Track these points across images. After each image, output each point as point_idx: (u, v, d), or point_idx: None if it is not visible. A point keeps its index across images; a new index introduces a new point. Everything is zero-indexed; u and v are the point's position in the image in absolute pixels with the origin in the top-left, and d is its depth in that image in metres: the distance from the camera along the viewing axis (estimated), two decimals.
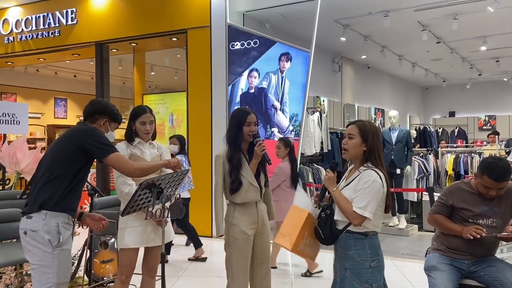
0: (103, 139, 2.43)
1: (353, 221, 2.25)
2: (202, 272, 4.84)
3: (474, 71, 13.24)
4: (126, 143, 3.03)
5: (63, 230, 2.35)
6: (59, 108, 13.79)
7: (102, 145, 2.40)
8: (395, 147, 6.77)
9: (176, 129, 7.88)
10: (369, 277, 2.25)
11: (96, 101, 2.69)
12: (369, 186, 2.24)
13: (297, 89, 6.35)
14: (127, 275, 2.95)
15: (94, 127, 2.50)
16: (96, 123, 2.58)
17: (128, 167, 2.45)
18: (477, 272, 2.76)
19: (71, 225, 2.43)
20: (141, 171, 2.55)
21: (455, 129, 13.99)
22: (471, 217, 2.75)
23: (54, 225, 2.32)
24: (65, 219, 2.37)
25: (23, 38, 8.21)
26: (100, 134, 2.45)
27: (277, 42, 6.28)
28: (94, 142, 2.38)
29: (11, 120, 4.94)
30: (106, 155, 2.39)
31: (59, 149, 2.44)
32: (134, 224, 2.88)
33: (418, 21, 8.17)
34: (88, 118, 2.61)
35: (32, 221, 2.32)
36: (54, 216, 2.33)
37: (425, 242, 6.18)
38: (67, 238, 2.38)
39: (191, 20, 6.72)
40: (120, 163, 2.43)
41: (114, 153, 2.41)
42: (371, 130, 2.34)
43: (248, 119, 2.77)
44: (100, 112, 2.59)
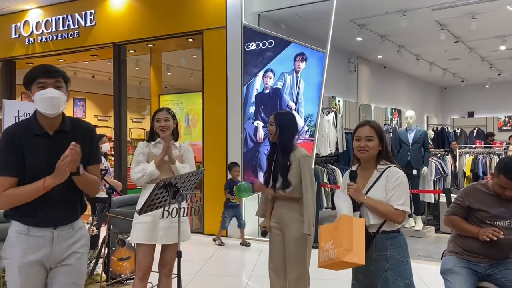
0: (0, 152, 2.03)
1: (398, 219, 2.27)
2: (218, 271, 4.88)
3: (493, 70, 13.00)
4: (145, 143, 3.15)
5: (12, 240, 2.05)
6: (77, 108, 14.03)
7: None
8: (412, 148, 6.70)
9: (192, 129, 7.95)
10: (408, 273, 2.30)
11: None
12: (401, 182, 2.29)
13: (312, 89, 6.34)
14: (144, 271, 3.01)
15: (5, 130, 2.08)
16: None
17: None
18: (494, 275, 2.72)
19: (32, 236, 2.03)
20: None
21: (473, 130, 13.75)
22: (488, 218, 2.72)
23: (11, 232, 2.08)
24: (20, 228, 2.05)
25: (43, 39, 8.38)
26: (0, 145, 2.04)
27: (292, 43, 6.28)
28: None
29: None
30: None
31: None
32: (145, 219, 2.93)
33: (436, 20, 8.07)
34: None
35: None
36: (13, 225, 2.09)
37: (441, 244, 6.11)
38: (17, 251, 2.02)
39: (206, 21, 6.78)
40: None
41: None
42: (382, 130, 2.43)
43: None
44: (24, 85, 2.12)
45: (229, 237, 6.42)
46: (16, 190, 2.00)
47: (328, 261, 2.17)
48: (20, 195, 2.01)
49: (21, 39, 8.63)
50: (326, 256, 2.19)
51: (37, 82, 2.05)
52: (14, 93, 9.20)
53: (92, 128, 2.26)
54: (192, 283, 4.40)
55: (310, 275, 3.06)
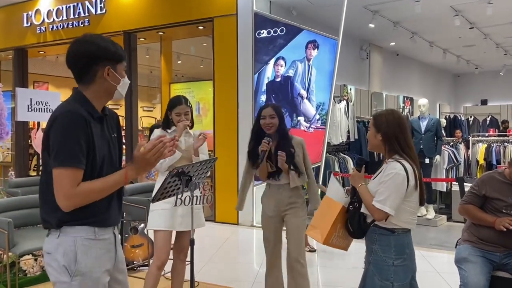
0: (66, 139, 1.63)
1: (374, 216, 2.18)
2: (229, 258, 4.91)
3: (508, 57, 12.75)
4: (161, 131, 3.13)
5: (84, 250, 1.69)
6: None
7: (59, 149, 1.63)
8: (424, 136, 6.63)
9: (203, 118, 7.94)
10: (390, 275, 2.17)
11: (79, 41, 1.77)
12: (390, 179, 2.15)
13: (324, 77, 6.28)
14: (163, 260, 3.03)
15: (66, 113, 1.67)
16: (96, 81, 1.76)
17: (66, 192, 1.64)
18: (509, 264, 2.70)
19: (103, 239, 1.75)
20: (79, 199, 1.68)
21: (487, 118, 13.54)
22: (504, 207, 2.68)
23: (70, 243, 1.68)
24: (87, 233, 1.71)
25: (54, 28, 8.40)
26: (68, 128, 1.64)
27: (304, 30, 6.21)
28: (54, 139, 1.66)
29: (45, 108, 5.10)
30: (55, 166, 1.64)
31: (42, 145, 1.78)
32: (165, 206, 2.95)
33: (450, 6, 7.91)
34: (81, 78, 1.78)
35: (48, 240, 1.74)
36: (71, 232, 1.69)
37: (454, 232, 6.07)
38: (93, 263, 1.71)
39: (217, 8, 6.72)
40: (58, 183, 1.64)
41: (64, 168, 1.62)
42: (385, 118, 2.24)
43: (263, 113, 3.05)
44: (96, 58, 1.74)
45: (240, 225, 6.46)
46: (92, 184, 1.67)
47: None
48: (98, 191, 1.68)
49: (32, 28, 8.67)
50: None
51: (124, 63, 1.85)
52: (26, 82, 9.26)
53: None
54: (204, 269, 4.44)
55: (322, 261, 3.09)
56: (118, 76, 1.79)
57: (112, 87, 1.79)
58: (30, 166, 9.12)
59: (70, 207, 1.65)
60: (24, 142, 8.89)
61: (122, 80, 1.81)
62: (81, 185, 1.65)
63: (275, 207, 3.10)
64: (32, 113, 5.13)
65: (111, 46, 1.79)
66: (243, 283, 4.13)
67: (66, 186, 1.62)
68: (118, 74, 1.79)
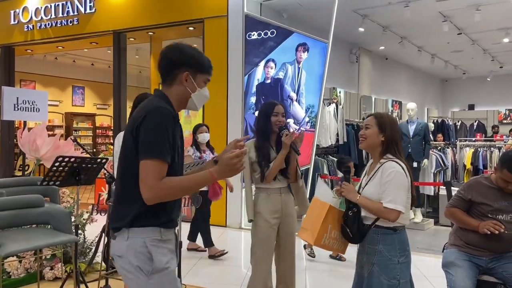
0: (157, 133, 1.67)
1: (389, 217, 2.19)
2: (217, 261, 4.89)
3: (495, 63, 12.95)
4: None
5: (154, 249, 1.71)
6: (76, 96, 13.97)
7: (150, 142, 1.67)
8: (413, 140, 6.68)
9: (192, 119, 7.91)
10: (397, 273, 2.21)
11: (169, 46, 1.86)
12: (393, 177, 2.21)
13: (314, 80, 6.30)
14: None
15: (158, 109, 1.70)
16: (175, 84, 1.81)
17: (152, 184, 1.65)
18: (495, 269, 2.72)
19: (167, 240, 1.76)
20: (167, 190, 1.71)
21: (474, 123, 13.73)
22: (490, 212, 2.70)
23: (140, 244, 1.69)
24: (155, 234, 1.72)
25: (42, 26, 8.29)
26: (159, 123, 1.68)
27: (294, 32, 6.22)
28: (146, 132, 1.68)
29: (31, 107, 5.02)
30: (144, 157, 1.66)
31: (125, 138, 1.78)
32: None
33: (439, 11, 8.00)
34: (164, 79, 1.85)
35: (116, 242, 1.75)
36: (138, 233, 1.70)
37: (441, 236, 6.12)
38: (167, 259, 1.73)
39: (208, 10, 6.70)
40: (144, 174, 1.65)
41: (152, 160, 1.64)
42: (388, 121, 2.34)
43: (276, 110, 2.87)
44: (178, 62, 1.80)
45: (228, 227, 6.43)
46: (177, 180, 1.69)
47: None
48: (183, 188, 1.71)
49: (20, 26, 8.55)
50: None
51: (207, 77, 1.86)
52: (13, 80, 9.13)
53: None
54: (192, 272, 4.41)
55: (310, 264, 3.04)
56: (195, 85, 1.82)
57: (187, 94, 1.82)
58: (16, 166, 8.98)
59: (153, 199, 1.65)
60: (10, 142, 8.75)
61: (199, 90, 1.83)
62: (167, 179, 1.66)
63: (279, 213, 2.88)
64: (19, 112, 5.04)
65: (196, 54, 1.84)
66: (231, 286, 4.11)
67: (151, 177, 1.63)
68: (196, 82, 1.82)
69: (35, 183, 3.61)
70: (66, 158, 3.05)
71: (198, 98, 1.84)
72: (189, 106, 1.85)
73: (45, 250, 4.03)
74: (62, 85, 13.37)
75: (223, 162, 1.69)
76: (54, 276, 3.99)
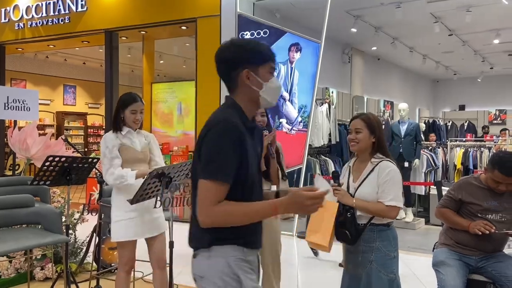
0: (217, 151, 1.50)
1: (391, 215, 2.27)
2: None
3: (486, 64, 13.07)
4: (114, 134, 2.90)
5: (241, 271, 1.55)
6: (68, 95, 13.87)
7: (209, 160, 1.51)
8: (404, 140, 6.73)
9: (184, 118, 7.89)
10: (393, 267, 2.30)
11: (220, 49, 1.65)
12: (392, 176, 2.28)
13: (307, 80, 6.31)
14: (131, 265, 2.97)
15: (219, 123, 1.54)
16: (239, 87, 1.61)
17: (207, 207, 1.51)
18: (484, 268, 2.75)
19: (251, 261, 1.60)
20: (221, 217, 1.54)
21: (464, 123, 13.85)
22: (480, 211, 2.73)
23: (224, 264, 1.55)
24: (238, 253, 1.57)
25: (33, 24, 8.22)
26: (221, 140, 1.50)
27: (287, 32, 6.23)
28: (206, 149, 1.53)
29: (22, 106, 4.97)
30: (201, 177, 1.52)
31: (194, 154, 1.65)
32: (131, 215, 2.82)
33: (430, 12, 8.06)
34: (226, 84, 1.66)
35: (196, 262, 1.63)
36: (220, 251, 1.56)
37: (432, 236, 6.17)
38: (255, 285, 1.59)
39: (200, 9, 6.69)
40: (200, 195, 1.52)
41: (208, 181, 1.49)
42: (376, 122, 2.39)
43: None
44: (233, 62, 1.60)
45: None
46: (234, 207, 1.50)
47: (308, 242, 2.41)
48: (239, 216, 1.51)
49: (10, 24, 8.46)
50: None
51: (270, 64, 1.62)
52: (3, 79, 9.04)
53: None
54: (184, 272, 4.39)
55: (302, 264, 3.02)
56: (260, 80, 1.59)
57: (255, 93, 1.60)
58: (6, 165, 8.89)
59: (206, 224, 1.51)
60: (0, 141, 8.67)
61: (265, 84, 1.59)
62: (224, 204, 1.49)
63: None
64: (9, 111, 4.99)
65: (249, 46, 1.62)
66: None
67: (207, 200, 1.48)
68: (260, 77, 1.59)
69: (25, 183, 3.58)
70: (56, 157, 3.03)
71: (268, 93, 1.61)
72: (262, 105, 1.64)
73: (36, 250, 4.00)
74: (53, 84, 13.26)
75: (295, 198, 1.48)
76: (44, 277, 3.96)
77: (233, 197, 1.51)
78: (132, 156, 2.88)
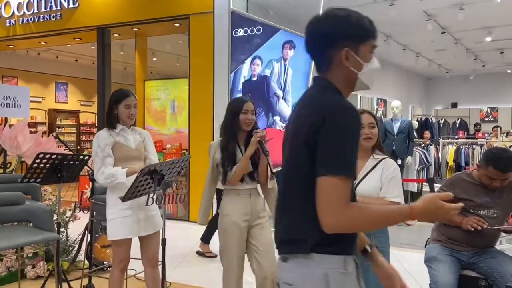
0: (344, 141, 1.28)
1: None
2: (202, 258, 4.87)
3: (478, 62, 13.15)
4: (107, 132, 2.84)
5: (337, 285, 1.34)
6: (60, 92, 13.76)
7: (334, 154, 1.28)
8: (397, 138, 6.76)
9: (178, 116, 7.86)
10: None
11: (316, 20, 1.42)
12: (397, 173, 2.31)
13: (300, 77, 6.31)
14: (126, 263, 2.95)
15: (342, 109, 1.31)
16: (333, 67, 1.40)
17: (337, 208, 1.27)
18: (476, 264, 2.77)
19: (351, 273, 1.37)
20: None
21: (456, 121, 13.95)
22: (472, 207, 2.75)
23: (319, 277, 1.34)
24: (339, 265, 1.35)
25: (25, 21, 8.14)
26: (346, 128, 1.29)
27: (280, 30, 6.22)
28: (327, 140, 1.29)
29: (12, 103, 4.92)
30: (325, 173, 1.28)
31: (292, 143, 1.41)
32: (126, 213, 2.80)
33: (423, 10, 8.09)
34: (317, 63, 1.44)
35: (286, 267, 1.40)
36: (318, 261, 1.34)
37: (424, 232, 6.19)
38: None
39: (194, 6, 6.65)
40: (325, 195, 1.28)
41: (336, 177, 1.26)
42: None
43: (245, 107, 2.68)
44: (330, 37, 1.37)
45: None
46: (369, 209, 1.30)
47: None
48: (373, 220, 1.31)
49: (2, 21, 8.37)
50: None
51: (372, 42, 1.41)
52: None
53: None
54: (177, 270, 4.38)
55: None
56: (360, 61, 1.38)
57: (353, 75, 1.40)
58: None
59: (335, 228, 1.28)
60: None
61: (365, 65, 1.39)
62: (356, 206, 1.30)
63: (248, 215, 2.69)
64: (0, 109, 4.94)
65: (351, 19, 1.39)
66: (216, 283, 4.09)
67: (335, 200, 1.26)
68: (360, 57, 1.38)
69: (16, 181, 3.55)
70: (47, 155, 3.00)
71: (367, 76, 1.41)
72: (358, 87, 1.45)
73: (27, 248, 3.97)
74: (45, 81, 13.15)
75: (436, 208, 1.31)
76: (36, 275, 3.93)
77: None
78: (126, 154, 2.85)
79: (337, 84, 1.40)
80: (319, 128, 1.29)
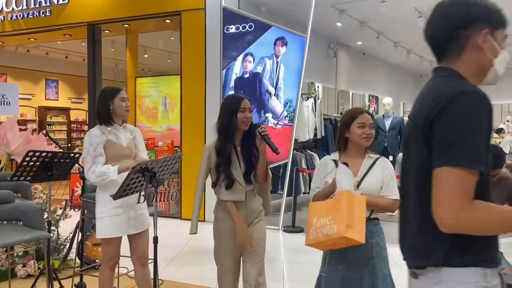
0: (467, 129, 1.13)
1: (395, 209, 2.26)
2: (195, 256, 4.86)
3: None
4: (100, 128, 2.80)
5: None
6: (50, 89, 13.62)
7: (456, 142, 1.13)
8: (389, 134, 6.79)
9: (169, 113, 7.82)
10: (387, 261, 2.30)
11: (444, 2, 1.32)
12: (394, 172, 2.32)
13: (292, 74, 6.30)
14: (115, 261, 2.94)
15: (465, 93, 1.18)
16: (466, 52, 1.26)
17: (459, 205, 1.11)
18: None
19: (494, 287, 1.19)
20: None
21: None
22: None
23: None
24: (479, 279, 1.17)
25: (14, 17, 8.03)
26: (470, 114, 1.14)
27: (272, 26, 6.20)
28: (449, 127, 1.15)
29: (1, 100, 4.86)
30: (442, 164, 1.14)
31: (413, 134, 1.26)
32: (117, 212, 2.78)
33: (414, 7, 8.11)
34: (443, 49, 1.31)
35: (418, 285, 1.26)
36: (455, 275, 1.18)
37: None
38: None
39: (185, 2, 6.61)
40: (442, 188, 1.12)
41: (457, 168, 1.11)
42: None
43: (243, 105, 2.50)
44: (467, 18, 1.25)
45: (206, 222, 6.39)
46: (495, 208, 1.14)
47: (323, 238, 1.98)
48: (496, 223, 1.13)
49: None
50: (321, 232, 1.99)
51: (505, 33, 1.28)
52: None
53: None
54: (169, 267, 4.37)
55: (288, 258, 3.00)
56: (497, 47, 1.25)
57: (487, 63, 1.26)
58: None
59: (452, 227, 1.12)
60: None
61: (502, 52, 1.26)
62: (481, 204, 1.13)
63: (244, 220, 2.55)
64: None
65: (490, 5, 1.28)
66: (208, 280, 4.09)
67: (455, 193, 1.10)
68: (497, 42, 1.26)
69: (5, 179, 3.50)
70: (37, 152, 2.96)
71: (501, 65, 1.27)
72: (489, 79, 1.30)
73: (17, 247, 3.93)
74: (34, 78, 13.01)
75: None
76: (26, 274, 3.90)
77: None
78: (118, 152, 2.84)
79: (465, 72, 1.26)
80: (437, 116, 1.16)
